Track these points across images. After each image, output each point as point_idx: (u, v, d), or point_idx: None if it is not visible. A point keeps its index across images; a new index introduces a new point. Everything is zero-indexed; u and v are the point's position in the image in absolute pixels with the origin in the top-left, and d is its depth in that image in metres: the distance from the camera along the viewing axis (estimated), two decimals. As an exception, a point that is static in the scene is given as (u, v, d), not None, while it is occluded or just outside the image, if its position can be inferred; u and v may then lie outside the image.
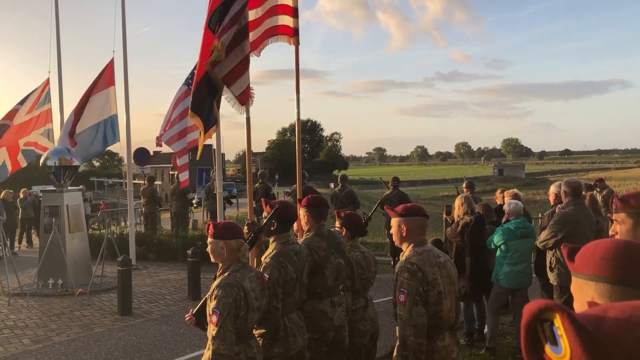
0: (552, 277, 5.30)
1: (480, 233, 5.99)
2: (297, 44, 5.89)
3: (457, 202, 6.30)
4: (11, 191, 15.38)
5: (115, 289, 8.47)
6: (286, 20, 5.90)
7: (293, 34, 5.85)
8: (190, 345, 6.41)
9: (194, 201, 20.27)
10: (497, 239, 5.76)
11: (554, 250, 5.24)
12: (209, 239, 3.10)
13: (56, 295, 8.88)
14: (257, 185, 11.88)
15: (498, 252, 5.79)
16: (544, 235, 5.28)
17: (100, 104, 10.71)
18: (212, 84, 5.38)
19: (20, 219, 15.61)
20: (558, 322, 0.71)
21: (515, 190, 7.05)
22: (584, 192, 7.78)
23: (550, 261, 5.33)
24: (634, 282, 1.08)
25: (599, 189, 10.86)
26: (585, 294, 1.13)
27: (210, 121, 5.54)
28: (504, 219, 6.02)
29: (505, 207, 6.05)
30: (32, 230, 16.16)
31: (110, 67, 10.93)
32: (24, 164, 11.79)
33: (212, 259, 3.14)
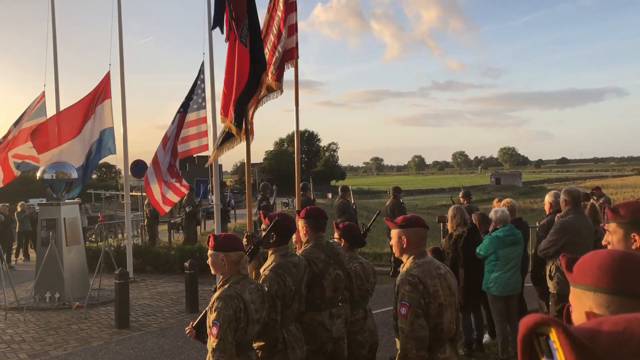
0: (551, 286, 5.31)
1: (474, 244, 5.97)
2: (296, 58, 5.98)
3: (450, 214, 6.30)
4: (7, 204, 15.34)
5: (113, 302, 8.44)
6: (294, 40, 6.06)
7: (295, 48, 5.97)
8: (189, 358, 6.38)
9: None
10: (485, 248, 5.73)
11: (554, 259, 5.25)
12: (210, 251, 3.10)
13: (53, 309, 8.83)
14: (259, 196, 12.00)
15: (487, 261, 5.77)
16: (544, 244, 5.29)
17: (97, 120, 10.71)
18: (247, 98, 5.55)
19: (17, 232, 15.55)
20: (554, 335, 0.72)
21: (510, 200, 7.06)
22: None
23: (550, 269, 5.35)
24: (631, 292, 1.10)
25: (595, 197, 10.88)
26: (584, 304, 1.14)
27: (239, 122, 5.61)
28: (491, 227, 5.99)
29: (491, 215, 5.98)
30: (29, 244, 16.09)
31: (106, 80, 10.94)
32: (17, 174, 11.72)
33: (213, 271, 3.14)
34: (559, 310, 5.20)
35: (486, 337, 6.50)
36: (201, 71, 10.40)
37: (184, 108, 10.34)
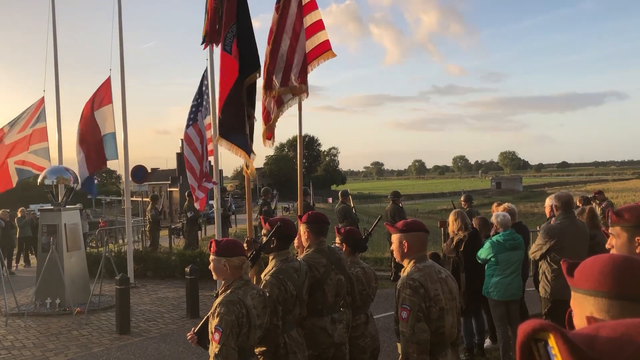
0: (540, 289, 5.35)
1: (475, 249, 5.95)
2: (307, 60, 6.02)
3: (451, 218, 6.29)
4: (8, 210, 15.34)
5: (114, 308, 8.42)
6: (323, 36, 6.03)
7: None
8: (190, 364, 6.36)
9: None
10: (485, 252, 5.72)
11: (541, 263, 5.30)
12: (211, 257, 3.10)
13: (54, 315, 8.82)
14: (260, 201, 12.01)
15: (487, 265, 5.76)
16: (532, 247, 5.36)
17: (99, 124, 10.75)
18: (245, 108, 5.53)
19: (17, 238, 15.54)
20: (552, 341, 0.73)
21: (509, 204, 7.06)
22: (581, 205, 7.85)
23: (537, 273, 5.40)
24: (632, 297, 1.10)
25: (598, 201, 10.87)
26: (585, 309, 1.14)
27: (243, 144, 5.62)
28: (492, 232, 5.99)
29: (493, 219, 5.97)
30: (30, 250, 16.09)
31: (107, 85, 10.96)
32: (14, 183, 11.70)
33: (215, 277, 3.14)
34: (545, 314, 5.22)
35: (487, 342, 6.49)
36: (204, 77, 10.38)
37: (194, 116, 10.20)
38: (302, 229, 3.91)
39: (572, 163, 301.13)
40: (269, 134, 5.79)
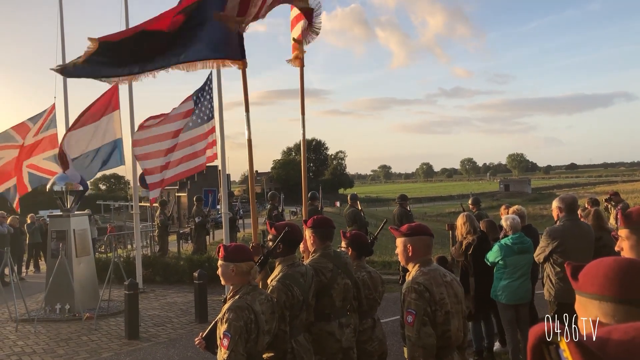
0: (545, 292, 5.32)
1: (484, 252, 5.93)
2: (302, 66, 5.96)
3: (460, 221, 6.27)
4: (18, 216, 15.46)
5: (123, 313, 8.46)
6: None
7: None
8: (198, 369, 6.36)
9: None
10: (493, 255, 5.70)
11: (545, 265, 5.27)
12: (220, 262, 3.11)
13: (63, 321, 8.86)
14: (269, 206, 12.04)
15: (495, 268, 5.74)
16: (537, 250, 5.33)
17: (102, 129, 10.76)
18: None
19: (27, 244, 15.66)
20: (564, 344, 0.73)
21: (518, 207, 7.03)
22: (589, 207, 7.80)
23: (543, 276, 5.36)
24: (638, 301, 1.09)
25: (614, 203, 10.79)
26: (590, 312, 1.14)
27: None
28: (501, 234, 5.96)
29: (502, 222, 5.96)
30: (40, 255, 16.19)
31: (115, 91, 11.02)
32: (29, 188, 11.86)
33: (223, 282, 3.15)
34: (551, 317, 5.18)
35: (497, 345, 6.46)
36: (209, 80, 10.42)
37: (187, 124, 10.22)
38: (307, 233, 3.90)
39: (580, 165, 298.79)
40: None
